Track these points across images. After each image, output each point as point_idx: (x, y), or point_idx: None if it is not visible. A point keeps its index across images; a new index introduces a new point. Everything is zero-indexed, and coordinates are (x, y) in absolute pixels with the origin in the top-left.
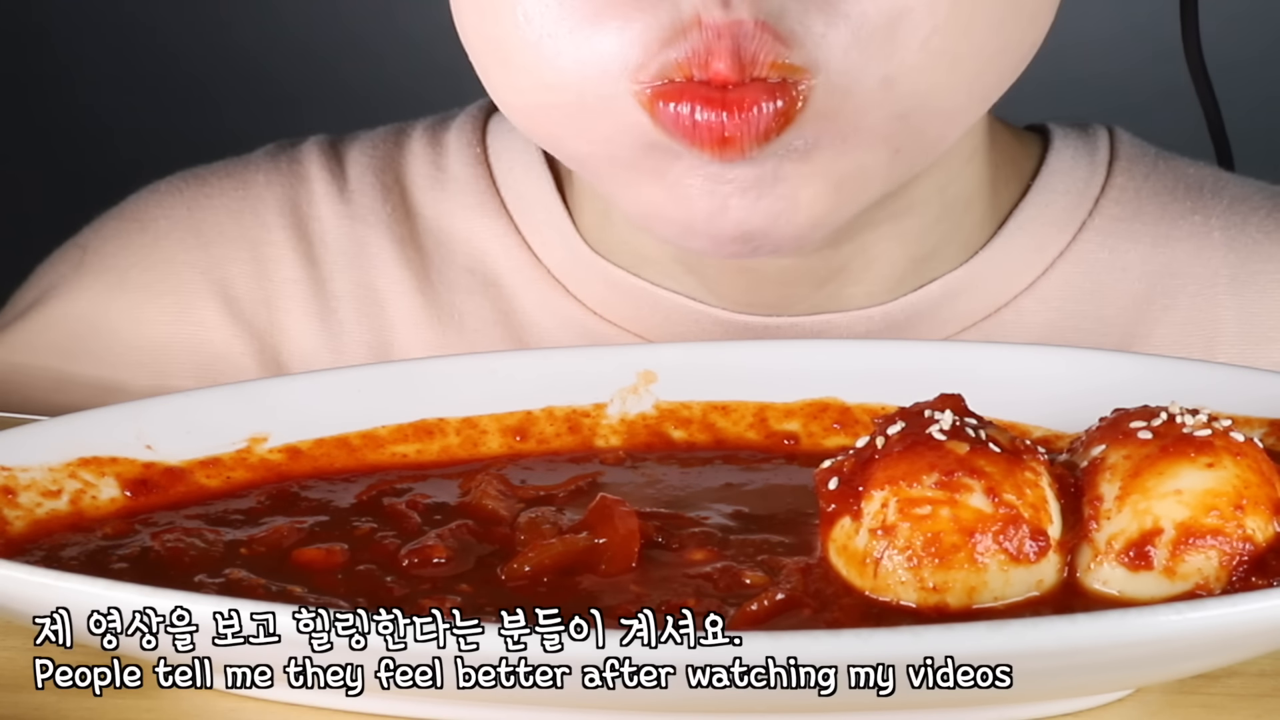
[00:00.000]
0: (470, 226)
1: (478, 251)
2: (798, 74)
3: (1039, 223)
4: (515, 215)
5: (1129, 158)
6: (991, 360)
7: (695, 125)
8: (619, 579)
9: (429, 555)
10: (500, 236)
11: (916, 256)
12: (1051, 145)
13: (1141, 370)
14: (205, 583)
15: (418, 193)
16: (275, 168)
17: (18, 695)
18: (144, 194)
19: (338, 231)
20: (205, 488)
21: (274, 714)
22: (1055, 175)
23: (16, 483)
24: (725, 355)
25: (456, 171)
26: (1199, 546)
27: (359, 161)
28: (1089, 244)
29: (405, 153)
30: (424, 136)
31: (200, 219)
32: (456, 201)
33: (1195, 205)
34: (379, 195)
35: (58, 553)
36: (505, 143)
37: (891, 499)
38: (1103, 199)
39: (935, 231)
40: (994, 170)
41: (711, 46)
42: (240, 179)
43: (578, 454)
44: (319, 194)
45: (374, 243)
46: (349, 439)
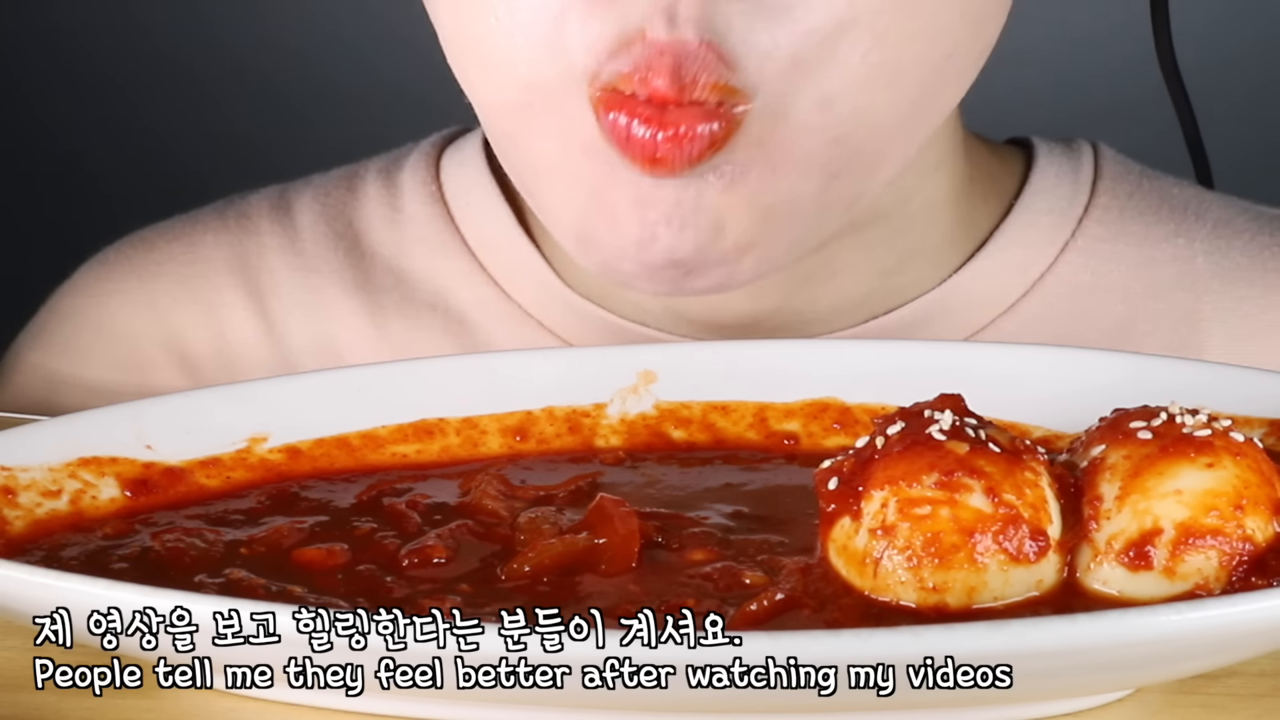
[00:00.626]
0: (431, 265)
1: (440, 289)
2: (735, 97)
3: (1020, 243)
4: (478, 252)
5: (1113, 176)
6: (991, 360)
7: (630, 138)
8: (619, 579)
9: (429, 555)
10: (464, 274)
11: (884, 270)
12: (1035, 163)
13: (1141, 370)
14: (205, 583)
15: (373, 235)
16: (223, 226)
17: (18, 695)
18: (93, 267)
19: (291, 284)
20: (205, 488)
21: (274, 714)
22: (1038, 195)
23: (16, 483)
24: (725, 355)
25: (413, 211)
26: (1199, 546)
27: (309, 210)
28: (1071, 265)
29: (358, 196)
30: (377, 179)
31: (152, 288)
32: (415, 240)
33: (1179, 228)
34: (331, 243)
35: (58, 553)
36: (460, 178)
37: (891, 499)
38: (1086, 219)
39: (901, 243)
40: (966, 183)
41: (653, 63)
42: (188, 241)
43: (578, 454)
44: (269, 247)
45: (328, 292)
46: (349, 439)
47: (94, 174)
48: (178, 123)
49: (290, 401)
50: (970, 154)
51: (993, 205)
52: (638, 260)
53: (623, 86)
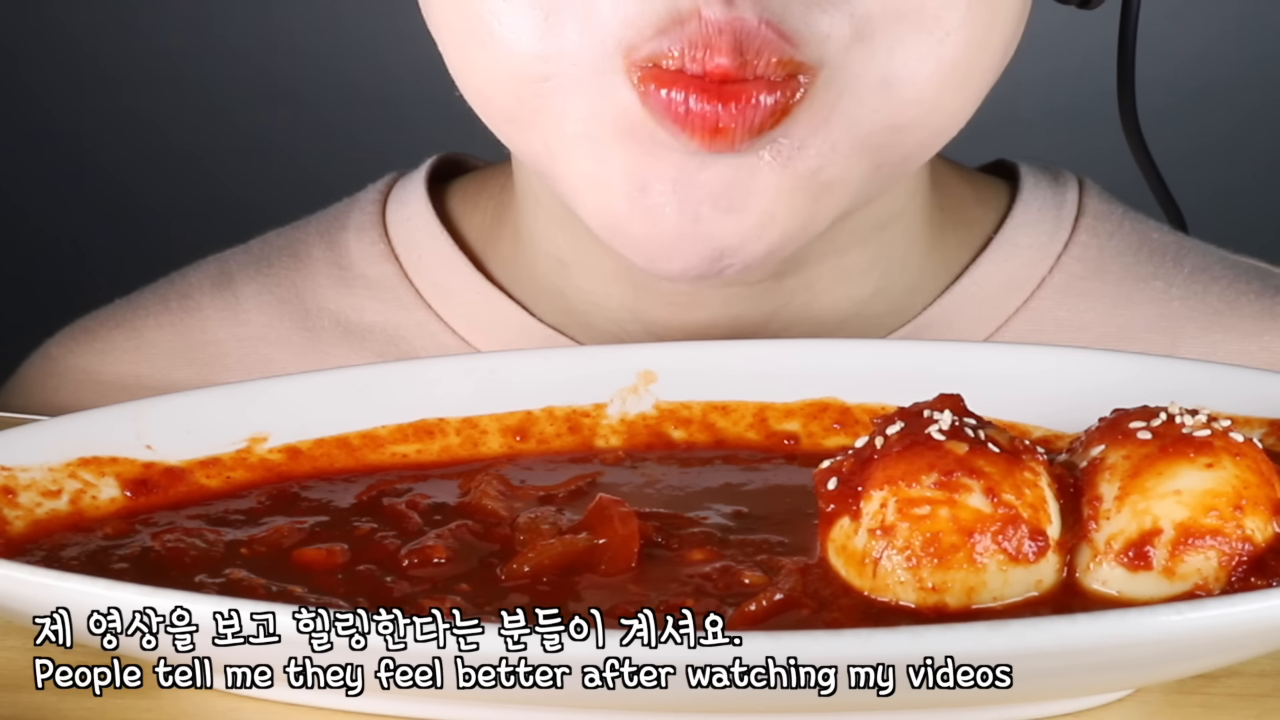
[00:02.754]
0: (384, 319)
1: (393, 340)
2: (801, 70)
3: (997, 278)
4: (433, 303)
5: (1095, 214)
6: (991, 360)
7: (688, 113)
8: (619, 579)
9: (429, 555)
10: (419, 325)
11: (862, 294)
12: (1019, 195)
13: (1141, 370)
14: (205, 583)
15: (321, 295)
16: (165, 309)
17: (18, 695)
18: (37, 361)
19: (239, 354)
20: (205, 488)
21: (274, 714)
22: (1019, 229)
23: (16, 483)
24: (725, 355)
25: (363, 270)
26: (1198, 547)
27: (253, 281)
28: (1047, 301)
29: (302, 262)
30: (320, 242)
31: (100, 380)
32: (366, 297)
33: (1157, 270)
34: (275, 310)
35: (58, 553)
36: (408, 232)
37: (890, 499)
38: (1065, 255)
39: (879, 266)
40: (938, 213)
41: (712, 41)
42: (130, 328)
43: (578, 454)
44: (213, 321)
45: (276, 359)
46: (349, 439)
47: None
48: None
49: (290, 401)
50: (941, 183)
51: (964, 235)
52: (672, 255)
53: (665, 63)
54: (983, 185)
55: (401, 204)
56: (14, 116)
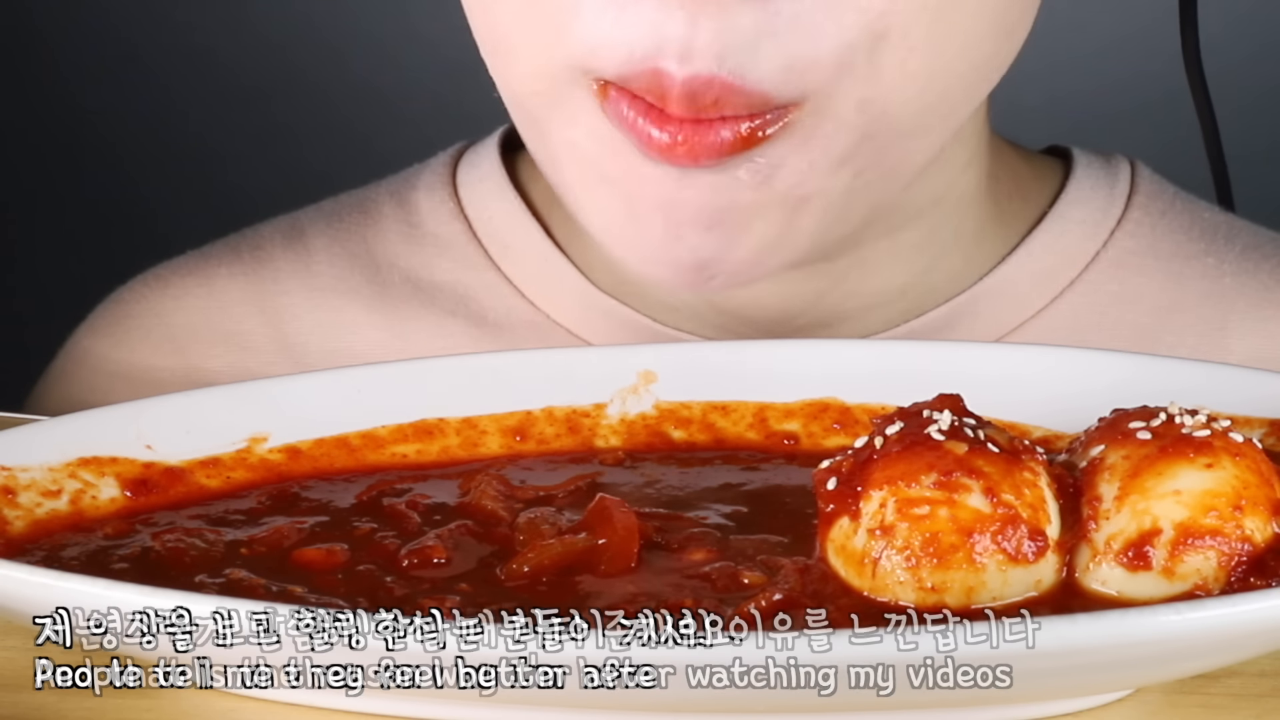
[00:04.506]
0: (453, 278)
1: (462, 299)
2: (774, 109)
3: (1052, 250)
4: (501, 264)
5: (1148, 193)
6: (991, 360)
7: (650, 140)
8: (618, 579)
9: (429, 555)
10: (489, 286)
11: (915, 269)
12: (1073, 173)
13: (1141, 370)
14: (205, 583)
15: (391, 250)
16: (237, 258)
17: (18, 695)
18: (109, 307)
19: (309, 305)
20: (205, 488)
21: (274, 714)
22: (1074, 204)
23: (16, 483)
24: (725, 355)
25: (432, 228)
26: (1198, 547)
27: (323, 234)
28: (1100, 275)
29: (372, 218)
30: (390, 200)
31: (170, 323)
32: (435, 255)
33: (1209, 248)
34: (346, 263)
35: (58, 553)
36: (481, 193)
37: (890, 499)
38: (1118, 231)
39: (933, 242)
40: (992, 182)
41: (666, 93)
42: (203, 275)
43: (577, 454)
44: (284, 272)
45: (347, 310)
46: (349, 439)
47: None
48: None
49: (290, 401)
50: (996, 153)
51: (1019, 207)
52: (661, 260)
53: (633, 89)
54: (1038, 163)
55: (473, 166)
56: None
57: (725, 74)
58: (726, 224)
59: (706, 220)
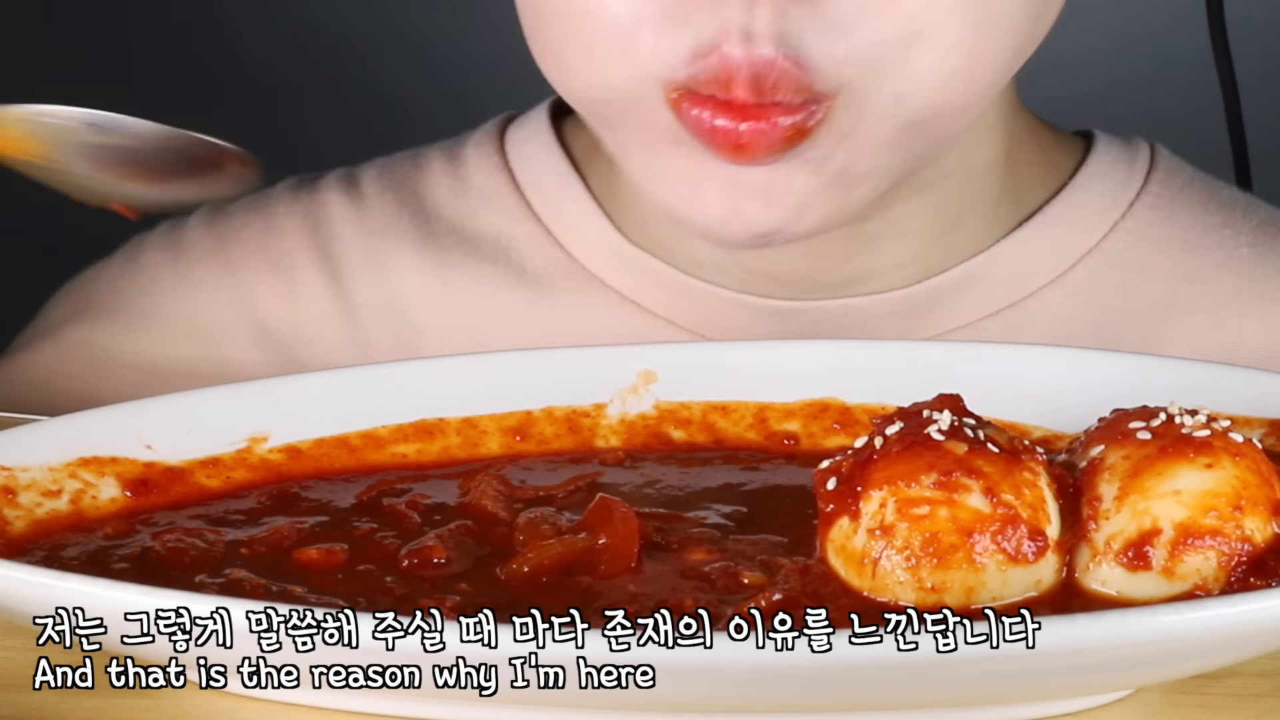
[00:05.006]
0: (496, 229)
1: (503, 249)
2: (818, 97)
3: (1071, 219)
4: (542, 215)
5: (1167, 169)
6: (991, 360)
7: (714, 130)
8: (618, 579)
9: (429, 555)
10: (528, 236)
11: (942, 227)
12: (1094, 148)
13: (1141, 370)
14: (205, 583)
15: (438, 200)
16: (295, 199)
17: (18, 695)
18: (169, 229)
19: (358, 246)
20: (205, 488)
21: (274, 714)
22: (1094, 176)
23: (16, 483)
24: (725, 355)
25: (478, 180)
26: (1197, 547)
27: (376, 182)
28: (1119, 243)
29: (422, 170)
30: (441, 155)
31: (228, 249)
32: (479, 206)
33: (1226, 220)
34: (396, 209)
35: (59, 553)
36: (526, 149)
37: (890, 499)
38: (1137, 203)
39: (959, 202)
40: (1017, 146)
41: (732, 75)
42: (263, 212)
43: (577, 454)
44: (337, 214)
45: (394, 253)
46: (349, 439)
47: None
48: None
49: (290, 401)
50: (1022, 121)
51: (1042, 175)
52: (722, 233)
53: (699, 89)
54: (1063, 137)
55: (521, 126)
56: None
57: (783, 57)
58: (785, 203)
59: (766, 198)
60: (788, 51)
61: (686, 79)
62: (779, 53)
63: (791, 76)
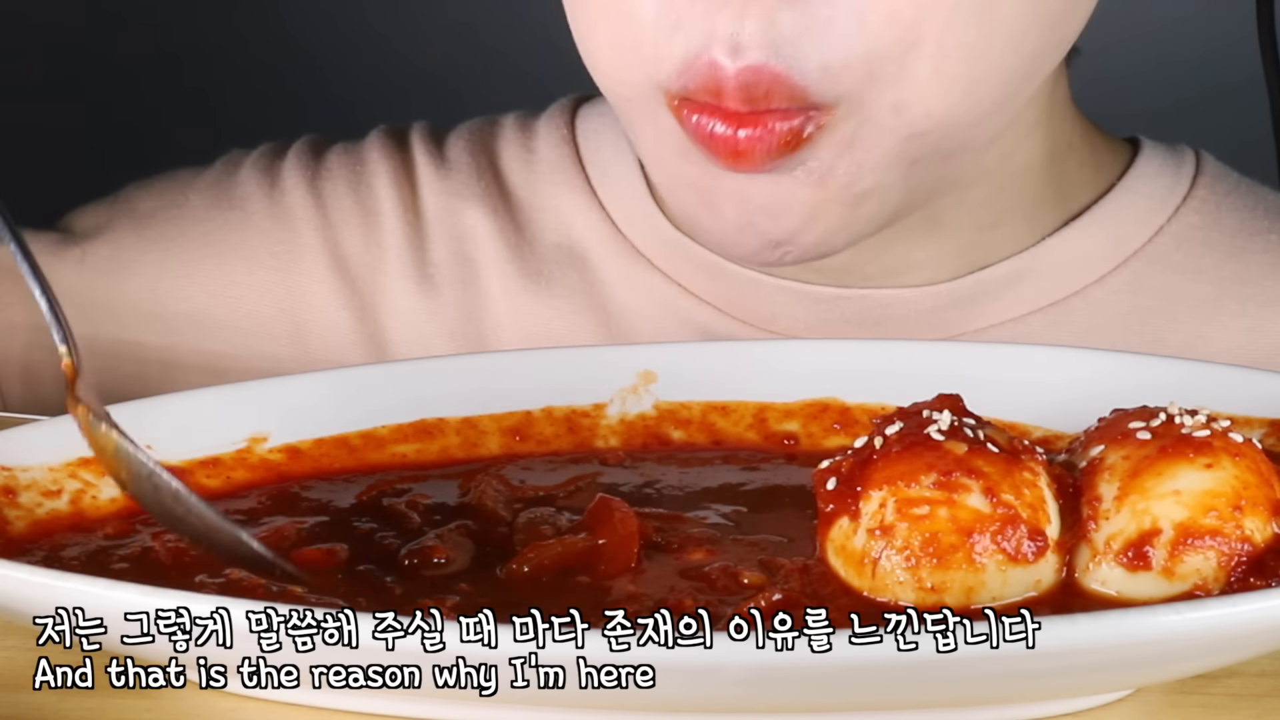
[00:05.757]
0: (557, 203)
1: (564, 226)
2: (817, 106)
3: (1118, 220)
4: (600, 192)
5: (1213, 175)
6: (991, 360)
7: (712, 136)
8: (618, 579)
9: (429, 555)
10: (584, 211)
11: (981, 224)
12: (1141, 152)
13: (1141, 370)
14: (205, 583)
15: (509, 172)
16: (385, 148)
17: (18, 695)
18: (268, 154)
19: (437, 206)
20: (205, 488)
21: (274, 714)
22: (1141, 179)
23: (16, 483)
24: (725, 355)
25: (545, 153)
26: (1197, 547)
27: (456, 144)
28: (1165, 246)
29: (498, 138)
30: (515, 124)
31: (320, 186)
32: (544, 179)
33: (1272, 225)
34: (474, 173)
35: (59, 553)
36: (594, 126)
37: (889, 499)
38: (1184, 207)
39: (998, 200)
40: (1064, 147)
41: (720, 84)
42: (355, 156)
43: (577, 454)
44: (422, 171)
45: (470, 215)
46: (349, 439)
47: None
48: None
49: (290, 401)
50: (1072, 122)
51: (1090, 176)
52: (737, 244)
53: (693, 97)
54: (1112, 139)
55: (595, 104)
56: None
57: (774, 64)
58: (793, 215)
59: (775, 210)
60: (778, 60)
61: (679, 87)
62: (769, 62)
63: (784, 84)
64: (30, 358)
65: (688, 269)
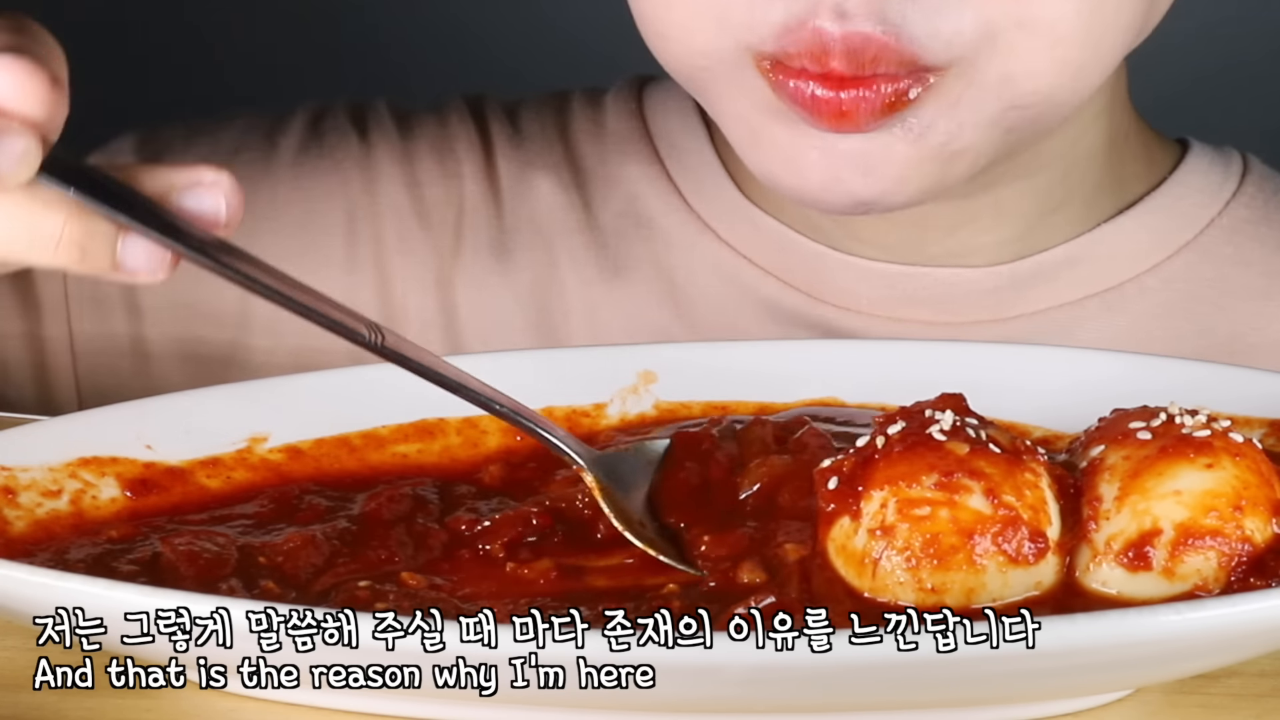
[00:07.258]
0: (625, 173)
1: (632, 196)
2: (927, 68)
3: (1171, 211)
4: (668, 163)
5: (1261, 174)
6: (991, 360)
7: (814, 99)
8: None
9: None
10: (652, 181)
11: (1044, 209)
12: (1191, 150)
13: (1141, 370)
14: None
15: (578, 143)
16: (463, 115)
17: (18, 695)
18: (352, 107)
19: (511, 175)
20: (206, 488)
21: (274, 714)
22: (1191, 174)
23: (16, 483)
24: (725, 355)
25: (613, 126)
26: (1198, 547)
27: (528, 116)
28: (1215, 239)
29: (567, 112)
30: (582, 99)
31: (408, 143)
32: (612, 151)
33: None
34: (546, 144)
35: (63, 556)
36: (661, 99)
37: (891, 499)
38: (1234, 202)
39: (1062, 186)
40: (1121, 136)
41: (826, 49)
42: (439, 119)
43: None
44: (498, 139)
45: (541, 184)
46: (349, 439)
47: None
48: None
49: (290, 401)
50: (1127, 114)
51: (1143, 169)
52: (822, 199)
53: (789, 62)
54: (1162, 136)
55: (660, 81)
56: None
57: (880, 32)
58: (883, 173)
59: (864, 167)
60: (887, 28)
61: (777, 50)
62: (877, 29)
63: (892, 51)
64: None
65: (754, 240)
